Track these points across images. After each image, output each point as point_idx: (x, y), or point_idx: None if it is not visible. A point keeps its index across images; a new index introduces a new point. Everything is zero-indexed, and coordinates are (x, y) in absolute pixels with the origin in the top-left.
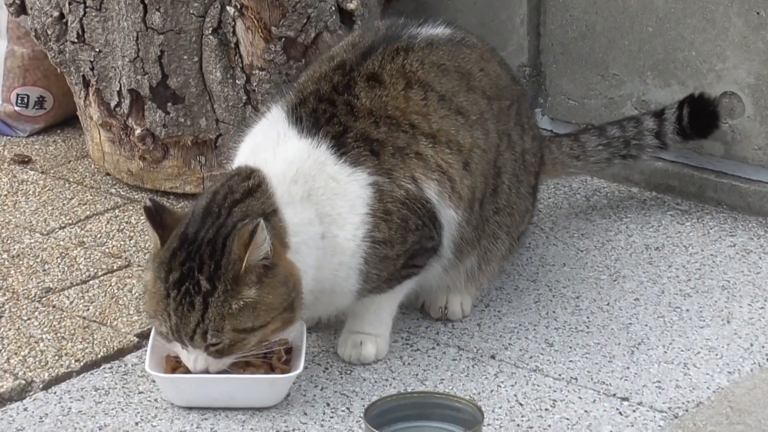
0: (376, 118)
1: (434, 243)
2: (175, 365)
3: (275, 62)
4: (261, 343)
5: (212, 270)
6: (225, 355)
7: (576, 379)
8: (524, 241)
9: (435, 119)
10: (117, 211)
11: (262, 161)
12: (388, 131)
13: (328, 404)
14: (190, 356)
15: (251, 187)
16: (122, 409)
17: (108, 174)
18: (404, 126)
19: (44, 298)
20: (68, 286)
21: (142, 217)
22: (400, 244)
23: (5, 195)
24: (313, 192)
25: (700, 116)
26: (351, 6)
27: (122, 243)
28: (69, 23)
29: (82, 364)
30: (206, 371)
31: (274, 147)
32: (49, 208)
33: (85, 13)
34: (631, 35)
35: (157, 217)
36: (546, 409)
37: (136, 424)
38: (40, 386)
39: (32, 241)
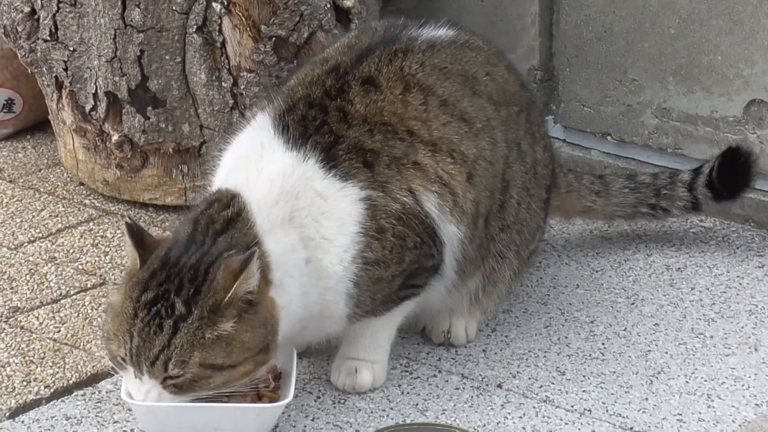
0: (371, 125)
1: (435, 261)
2: None
3: (265, 63)
4: (226, 385)
5: (190, 294)
6: (182, 392)
7: (590, 410)
8: (534, 260)
9: (436, 126)
10: (91, 224)
11: (243, 181)
12: (383, 140)
13: None
14: (142, 387)
15: (231, 216)
16: None
17: (82, 184)
18: (401, 133)
19: (11, 319)
20: (38, 305)
21: (118, 231)
22: (397, 264)
23: None
24: (296, 213)
25: (729, 167)
26: (347, 3)
27: (96, 259)
28: (41, 19)
29: (52, 390)
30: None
31: (257, 162)
32: (18, 221)
33: (58, 8)
34: (651, 37)
35: (138, 235)
36: None
37: None
38: (7, 414)
39: None
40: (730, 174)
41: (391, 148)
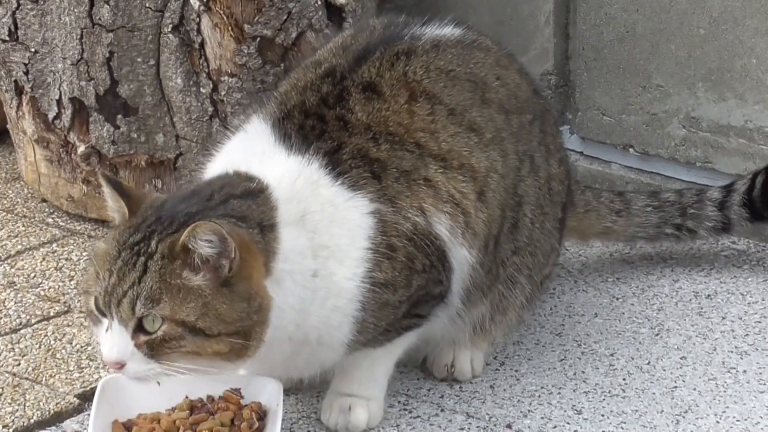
0: (375, 134)
1: (442, 289)
2: None
3: (248, 67)
4: (197, 356)
5: (167, 234)
6: (155, 354)
7: None
8: (548, 286)
9: (444, 138)
10: (55, 245)
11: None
12: (390, 149)
13: None
14: (113, 337)
15: (253, 189)
16: None
17: (44, 200)
18: (409, 145)
19: None
20: None
21: (84, 253)
22: (404, 289)
23: None
24: (309, 216)
25: None
26: (341, 0)
27: (61, 284)
28: None
29: (11, 430)
30: (122, 366)
31: (259, 167)
32: None
33: (18, 5)
34: (678, 38)
35: (118, 185)
36: None
37: None
38: None
39: None
40: None
41: (399, 159)
